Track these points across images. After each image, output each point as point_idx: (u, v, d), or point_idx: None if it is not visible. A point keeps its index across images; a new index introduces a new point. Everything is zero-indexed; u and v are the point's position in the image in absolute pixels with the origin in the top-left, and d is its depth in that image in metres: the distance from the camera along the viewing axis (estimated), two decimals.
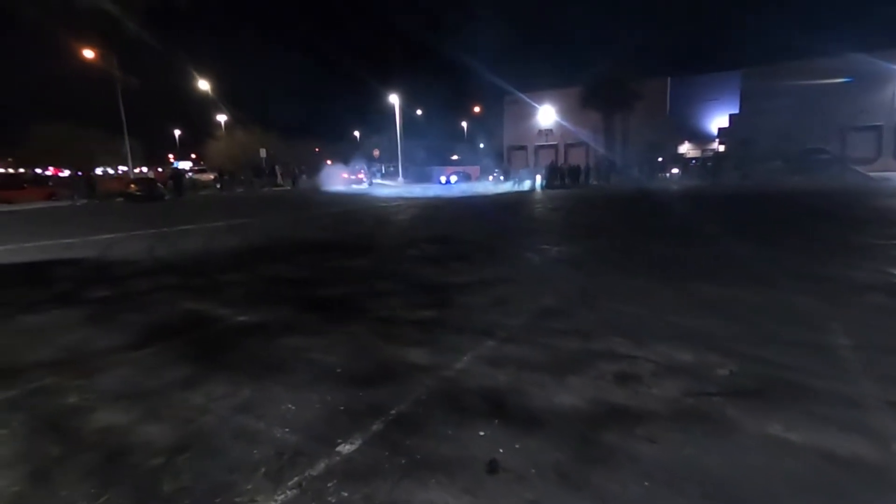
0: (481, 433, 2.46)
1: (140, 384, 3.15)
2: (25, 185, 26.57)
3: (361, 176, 35.95)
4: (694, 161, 37.86)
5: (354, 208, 17.47)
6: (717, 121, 43.65)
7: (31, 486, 2.13)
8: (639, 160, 36.83)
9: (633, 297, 4.86)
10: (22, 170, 46.56)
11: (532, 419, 2.58)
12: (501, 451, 2.29)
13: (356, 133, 65.67)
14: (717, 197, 18.82)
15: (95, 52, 24.14)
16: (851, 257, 6.52)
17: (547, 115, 47.84)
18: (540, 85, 46.74)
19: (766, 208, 14.56)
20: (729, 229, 9.83)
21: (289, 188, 35.17)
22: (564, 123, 46.06)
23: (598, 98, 37.86)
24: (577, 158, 43.27)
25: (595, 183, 32.53)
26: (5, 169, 50.02)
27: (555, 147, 49.22)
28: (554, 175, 31.02)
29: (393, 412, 2.69)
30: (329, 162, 51.27)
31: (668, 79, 44.70)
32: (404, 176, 41.38)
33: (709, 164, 35.27)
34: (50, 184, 29.13)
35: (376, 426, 2.55)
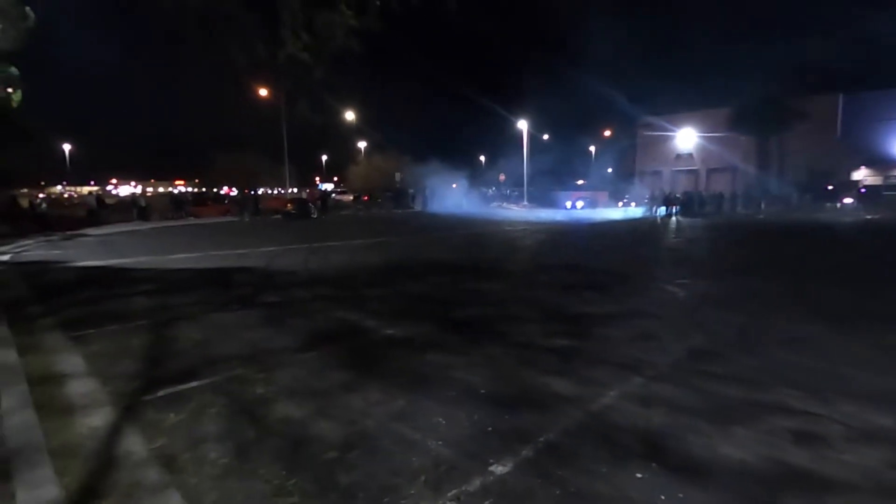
0: (638, 475, 2.35)
1: (309, 383, 3.55)
2: (208, 203, 31.68)
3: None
4: (863, 189, 31.99)
5: (481, 231, 17.86)
6: None
7: (237, 460, 2.52)
8: (800, 187, 32.44)
9: (805, 346, 4.29)
10: (205, 189, 55.68)
11: (695, 469, 2.40)
12: (663, 497, 2.17)
13: (482, 157, 67.38)
14: None
15: (273, 93, 28.22)
16: None
17: (686, 138, 44.54)
18: (678, 107, 43.90)
19: None
20: None
21: (419, 209, 37.17)
22: (708, 146, 42.45)
23: (751, 119, 34.26)
24: (721, 184, 39.54)
25: (743, 212, 29.33)
26: (194, 189, 60.08)
27: (695, 172, 45.55)
28: (692, 202, 28.65)
29: (541, 440, 2.69)
30: (455, 185, 53.25)
31: (840, 95, 38.99)
32: (529, 200, 41.30)
33: (886, 192, 29.71)
34: (226, 202, 34.34)
35: (526, 451, 2.57)
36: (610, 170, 56.14)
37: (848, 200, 30.40)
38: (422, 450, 2.60)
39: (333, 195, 41.79)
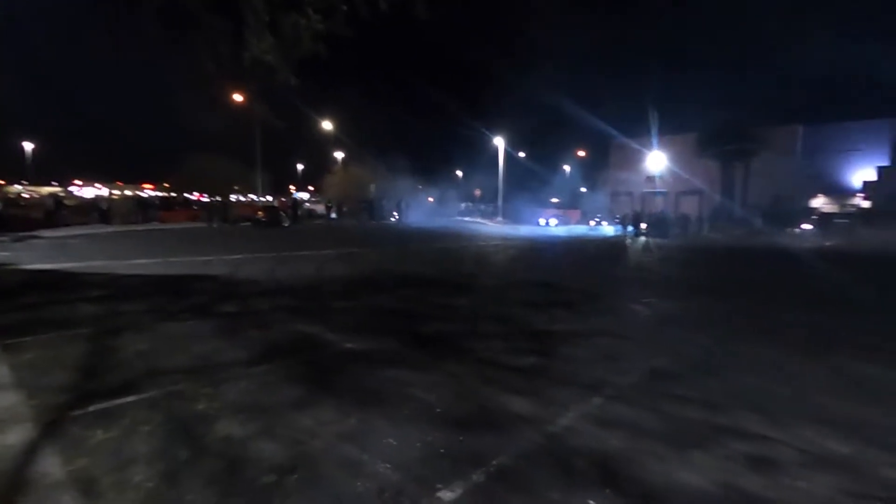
0: (591, 502, 2.25)
1: (257, 399, 3.35)
2: (176, 208, 30.78)
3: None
4: (815, 217, 33.33)
5: (454, 245, 17.80)
6: (861, 173, 38.75)
7: (163, 484, 2.32)
8: (763, 213, 33.64)
9: (765, 369, 4.31)
10: (174, 194, 54.16)
11: (650, 496, 2.32)
12: None
13: (459, 172, 67.73)
14: (866, 259, 16.44)
15: (244, 97, 27.82)
16: None
17: (656, 160, 45.74)
18: (649, 131, 45.14)
19: None
20: (888, 299, 8.48)
21: (394, 222, 36.99)
22: (676, 170, 43.67)
23: (717, 145, 35.48)
24: (689, 207, 40.64)
25: (708, 234, 30.18)
26: (163, 193, 58.44)
27: (664, 194, 46.73)
28: (661, 223, 29.35)
29: (494, 463, 2.57)
30: (431, 199, 53.27)
31: (800, 126, 40.84)
32: (504, 216, 41.64)
33: (840, 220, 31.02)
34: (194, 207, 33.44)
35: (477, 476, 2.45)
36: (584, 189, 57.21)
37: (807, 226, 31.61)
38: (368, 474, 2.45)
39: (307, 204, 41.24)
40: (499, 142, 42.57)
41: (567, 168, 62.22)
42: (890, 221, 27.36)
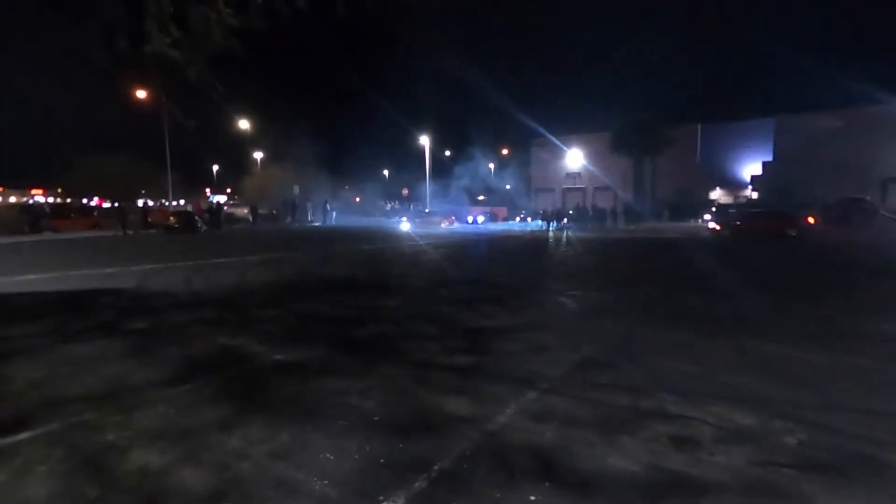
0: (532, 497, 2.30)
1: (177, 423, 3.10)
2: (72, 215, 27.88)
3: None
4: (715, 209, 36.83)
5: (382, 246, 17.61)
6: (750, 168, 43.16)
7: None
8: (669, 206, 36.51)
9: (678, 351, 4.64)
10: (69, 200, 48.98)
11: (585, 483, 2.41)
12: None
13: (385, 171, 67.12)
14: (752, 245, 18.29)
15: (148, 92, 25.74)
16: None
17: (575, 158, 48.15)
18: (568, 129, 47.46)
19: (815, 261, 14.06)
20: (772, 282, 9.47)
21: (319, 224, 35.95)
22: (592, 168, 46.24)
23: (628, 143, 38.01)
24: (605, 202, 43.20)
25: (623, 227, 32.23)
26: (53, 199, 52.69)
27: (582, 190, 49.30)
28: (580, 218, 30.96)
29: (436, 468, 2.55)
30: (358, 199, 52.42)
31: (699, 125, 44.70)
32: (431, 214, 41.84)
33: (732, 211, 34.49)
34: (95, 214, 30.48)
35: (419, 483, 2.42)
36: (508, 186, 58.85)
37: (707, 217, 34.65)
38: (304, 492, 2.34)
39: (225, 207, 39.03)
40: (425, 140, 42.75)
41: (491, 166, 63.73)
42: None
